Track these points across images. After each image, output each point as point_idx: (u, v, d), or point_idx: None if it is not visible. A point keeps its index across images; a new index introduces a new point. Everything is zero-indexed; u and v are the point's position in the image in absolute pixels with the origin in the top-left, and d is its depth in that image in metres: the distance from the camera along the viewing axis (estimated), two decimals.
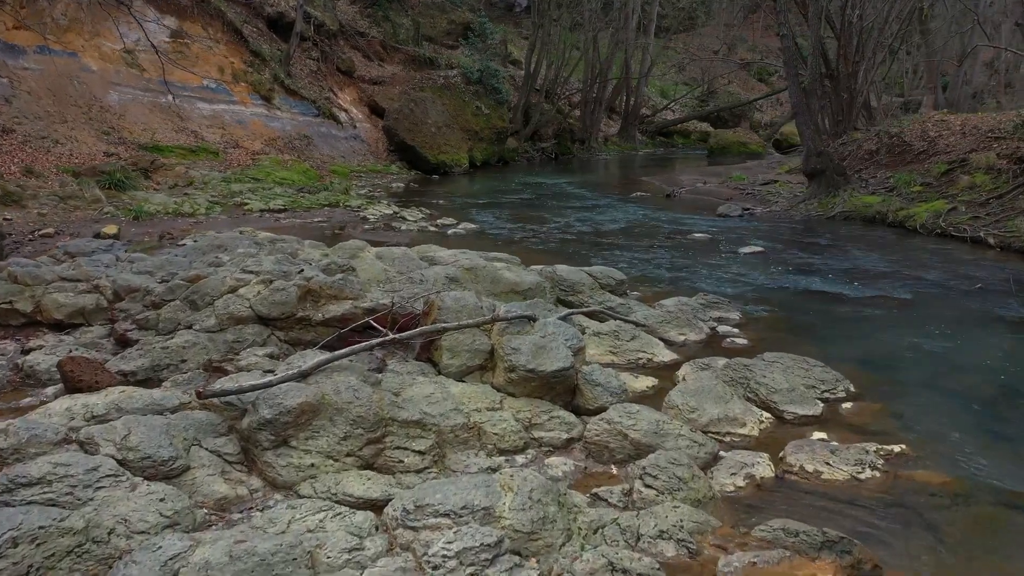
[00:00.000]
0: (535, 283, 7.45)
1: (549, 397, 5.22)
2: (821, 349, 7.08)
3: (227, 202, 15.82)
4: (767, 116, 40.88)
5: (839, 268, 10.69)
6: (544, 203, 17.96)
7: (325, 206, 16.39)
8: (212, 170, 18.01)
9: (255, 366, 4.98)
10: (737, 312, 8.22)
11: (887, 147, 16.74)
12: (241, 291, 5.75)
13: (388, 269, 7.23)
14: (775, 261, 11.13)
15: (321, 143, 22.82)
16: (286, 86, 22.60)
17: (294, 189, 17.49)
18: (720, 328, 7.71)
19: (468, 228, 14.01)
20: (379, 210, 16.11)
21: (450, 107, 25.30)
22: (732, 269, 10.54)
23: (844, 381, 6.10)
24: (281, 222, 14.62)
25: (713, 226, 14.31)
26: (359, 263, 7.23)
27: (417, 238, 13.12)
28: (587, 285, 7.98)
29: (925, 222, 13.09)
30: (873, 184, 15.60)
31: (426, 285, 6.96)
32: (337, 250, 7.47)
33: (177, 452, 3.95)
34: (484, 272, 7.34)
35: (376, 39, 28.06)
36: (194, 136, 19.46)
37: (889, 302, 8.85)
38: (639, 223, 14.82)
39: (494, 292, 7.23)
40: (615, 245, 12.43)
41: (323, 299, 5.85)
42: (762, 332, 7.67)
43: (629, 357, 6.77)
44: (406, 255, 7.55)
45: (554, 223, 14.83)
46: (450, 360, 5.39)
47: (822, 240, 12.86)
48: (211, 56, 21.34)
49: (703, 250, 11.92)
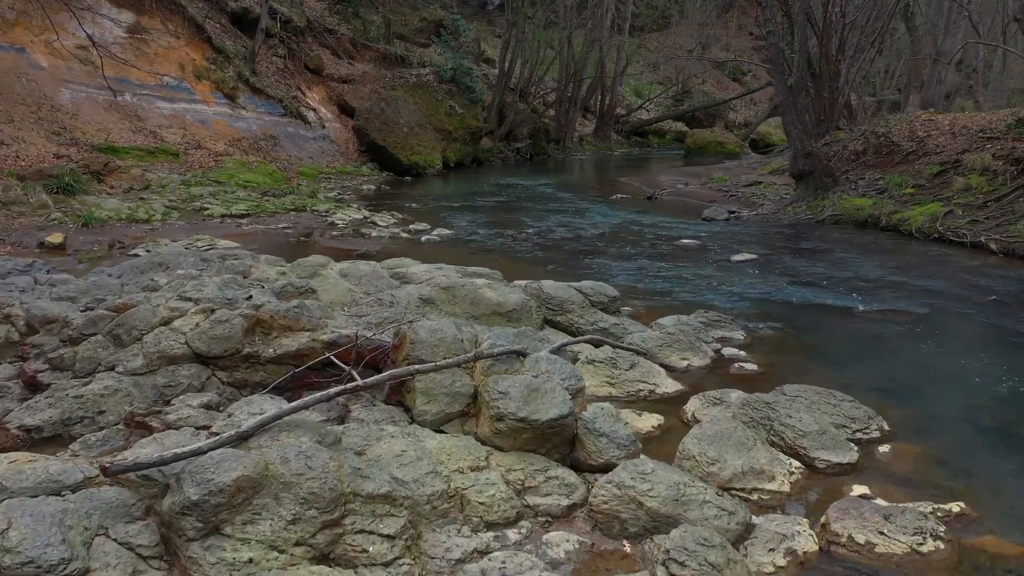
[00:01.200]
0: (520, 303, 6.56)
1: (544, 450, 4.34)
2: (840, 376, 6.28)
3: (186, 207, 14.73)
4: (741, 116, 40.38)
5: (839, 277, 9.93)
6: (521, 206, 17.09)
7: (291, 210, 15.37)
8: (171, 172, 16.89)
9: (187, 421, 4.04)
10: (741, 331, 7.40)
11: (874, 147, 16.09)
12: (176, 323, 4.79)
13: (354, 289, 6.31)
14: (771, 270, 10.35)
15: (288, 144, 21.74)
16: (251, 84, 21.48)
17: (259, 192, 16.43)
18: (725, 351, 6.88)
19: (443, 234, 13.09)
20: (348, 214, 15.12)
21: (422, 106, 24.32)
22: (726, 280, 9.73)
23: (876, 418, 5.28)
24: (243, 228, 13.60)
25: (700, 231, 13.52)
26: (321, 283, 6.29)
27: (388, 245, 12.19)
28: (577, 303, 7.11)
29: (921, 226, 12.40)
30: (862, 186, 14.91)
31: (397, 308, 6.04)
32: (296, 267, 6.53)
33: (72, 551, 3.01)
34: (463, 292, 6.44)
35: (346, 36, 26.96)
36: (153, 137, 18.31)
37: (901, 317, 8.09)
38: (622, 228, 13.99)
39: (474, 315, 6.33)
40: (599, 253, 11.59)
41: (275, 331, 4.92)
42: (771, 355, 6.85)
43: (629, 388, 5.91)
44: (374, 272, 6.62)
45: (533, 228, 13.95)
46: (425, 406, 4.48)
47: (816, 246, 12.12)
48: (171, 53, 20.16)
49: (693, 258, 11.12)
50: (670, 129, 37.50)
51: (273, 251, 12.04)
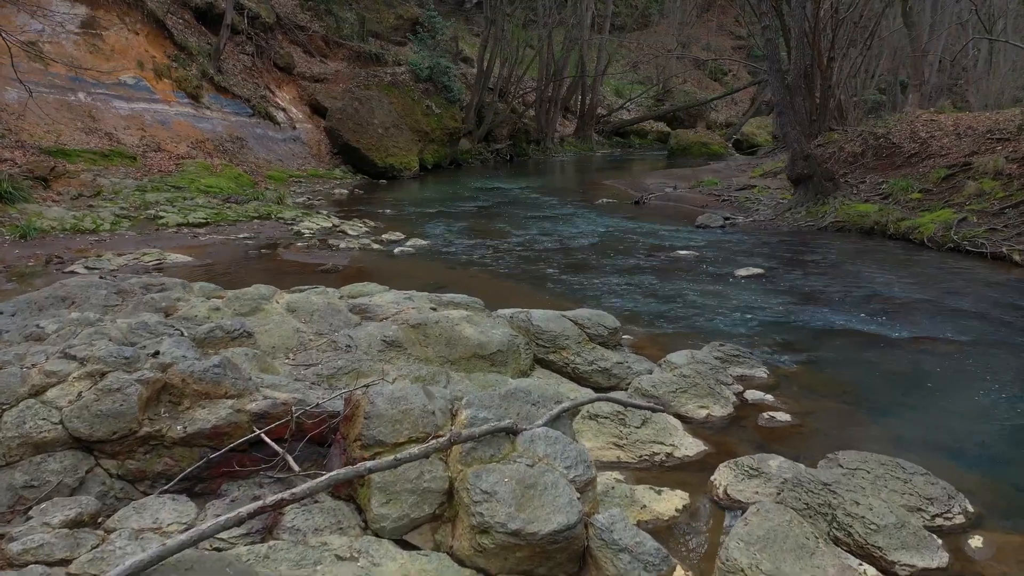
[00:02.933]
0: (506, 342, 5.37)
1: (544, 570, 3.15)
2: (891, 430, 5.16)
3: (139, 215, 13.37)
4: (723, 116, 39.44)
5: (857, 295, 8.83)
6: (502, 212, 15.88)
7: (255, 218, 14.05)
8: (126, 177, 15.50)
9: (38, 553, 2.79)
10: (763, 367, 6.25)
11: (873, 149, 15.06)
12: (51, 394, 3.53)
13: (303, 329, 5.07)
14: (780, 287, 9.22)
15: (256, 145, 20.37)
16: (216, 83, 20.08)
17: (220, 199, 15.07)
18: (748, 394, 5.73)
19: (418, 245, 11.85)
20: (316, 223, 13.83)
21: (398, 106, 23.03)
22: (733, 299, 8.59)
23: (957, 496, 4.14)
24: (200, 239, 12.28)
25: (695, 240, 12.39)
26: (262, 321, 5.06)
27: (357, 259, 10.94)
28: (572, 338, 5.92)
29: (934, 235, 11.35)
30: (864, 190, 13.87)
31: (356, 354, 4.82)
32: (233, 301, 5.28)
33: None
34: (436, 330, 5.23)
35: (318, 34, 25.59)
36: (108, 139, 16.88)
37: (940, 347, 6.98)
38: (611, 236, 12.83)
39: (451, 359, 5.13)
40: (589, 266, 10.42)
41: (188, 400, 3.68)
42: (802, 399, 5.71)
43: (641, 452, 4.73)
44: (330, 306, 5.38)
45: (515, 237, 12.75)
46: (383, 508, 3.27)
47: (823, 257, 11.02)
48: (129, 49, 18.72)
49: (693, 273, 9.97)
50: (652, 129, 36.46)
51: (230, 265, 10.78)
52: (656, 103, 38.43)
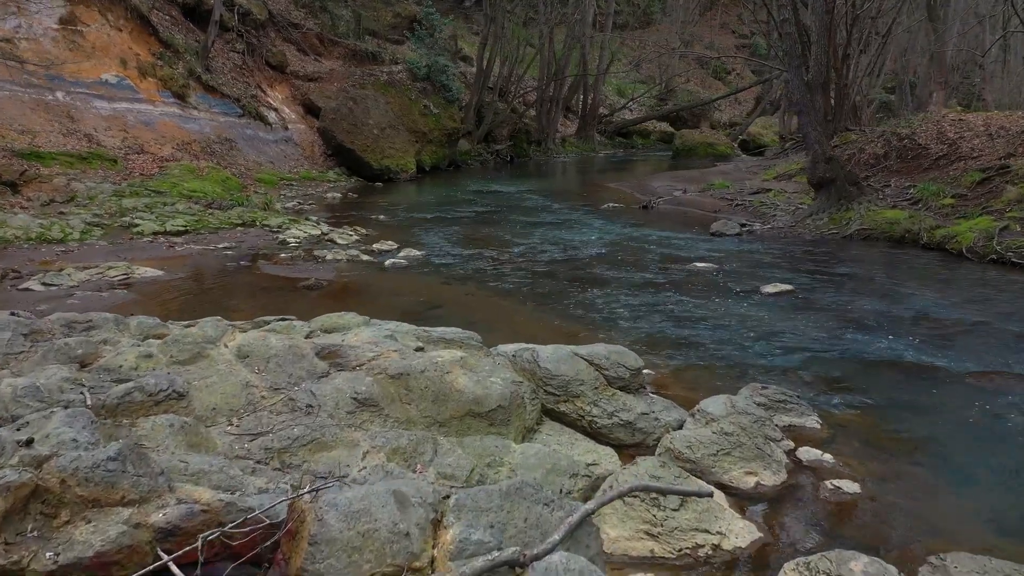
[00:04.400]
0: (507, 395, 4.30)
1: None
2: (987, 506, 4.12)
3: (112, 223, 12.29)
4: (726, 115, 38.36)
5: (901, 317, 7.76)
6: (503, 217, 14.81)
7: (238, 226, 12.98)
8: (104, 181, 14.41)
9: None
10: (813, 414, 5.18)
11: (897, 151, 13.98)
12: None
13: (255, 383, 4.00)
14: (813, 306, 8.15)
15: (246, 147, 19.28)
16: (204, 82, 18.98)
17: (203, 205, 13.99)
18: (803, 453, 4.65)
19: (411, 256, 10.78)
20: (304, 230, 12.76)
21: (395, 106, 21.93)
22: (764, 322, 7.52)
23: None
24: (176, 249, 11.21)
25: (711, 249, 11.32)
26: (204, 372, 3.99)
27: (345, 272, 9.87)
28: (587, 383, 4.85)
29: (973, 245, 10.28)
30: (891, 195, 12.79)
31: (318, 419, 3.76)
32: (171, 346, 4.20)
33: None
34: (422, 382, 4.16)
35: (312, 31, 24.49)
36: (87, 140, 15.78)
37: (1013, 384, 5.91)
38: (620, 246, 11.76)
39: (440, 419, 4.06)
40: (597, 281, 9.34)
41: (68, 509, 2.62)
42: (868, 459, 4.64)
43: (681, 544, 3.66)
44: (292, 350, 4.30)
45: (517, 246, 11.68)
46: None
47: (854, 270, 9.94)
48: (112, 47, 17.62)
49: (714, 289, 8.89)
50: (654, 129, 35.37)
51: (204, 280, 9.70)
52: (659, 103, 37.34)
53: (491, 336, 6.87)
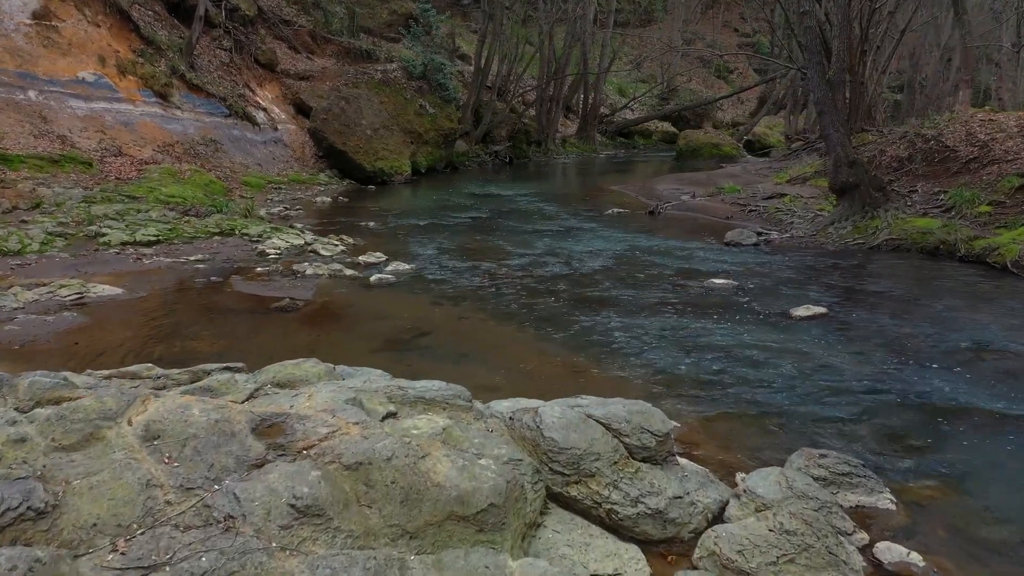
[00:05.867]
0: (501, 488, 3.21)
1: None
2: None
3: (77, 232, 11.17)
4: (728, 115, 37.26)
5: (958, 347, 6.67)
6: (501, 225, 13.71)
7: (215, 234, 11.86)
8: (76, 186, 13.31)
9: None
10: (884, 490, 4.10)
11: (923, 153, 12.88)
12: None
13: (160, 481, 2.92)
14: (853, 334, 7.06)
15: (233, 149, 18.18)
16: (188, 80, 17.87)
17: (180, 211, 12.89)
18: (882, 550, 3.56)
19: (399, 270, 9.69)
20: (286, 240, 11.66)
21: (389, 105, 20.81)
22: (800, 355, 6.43)
23: None
24: (143, 263, 10.10)
25: (728, 263, 10.23)
26: (92, 464, 2.91)
27: (325, 290, 8.78)
28: (605, 457, 3.76)
29: (1018, 258, 9.20)
30: (919, 202, 11.70)
31: (241, 535, 2.67)
32: (54, 424, 3.12)
33: None
34: (389, 474, 3.07)
35: (304, 28, 23.38)
36: (61, 142, 14.68)
37: None
38: (628, 259, 10.67)
39: (411, 529, 2.97)
40: (605, 302, 8.24)
41: None
42: (964, 560, 3.56)
43: None
44: (218, 428, 3.21)
45: (516, 258, 10.60)
46: None
47: (892, 288, 8.85)
48: (90, 43, 16.51)
49: (736, 311, 7.80)
50: (656, 129, 34.26)
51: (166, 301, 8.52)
52: (661, 102, 36.22)
53: (484, 372, 5.80)
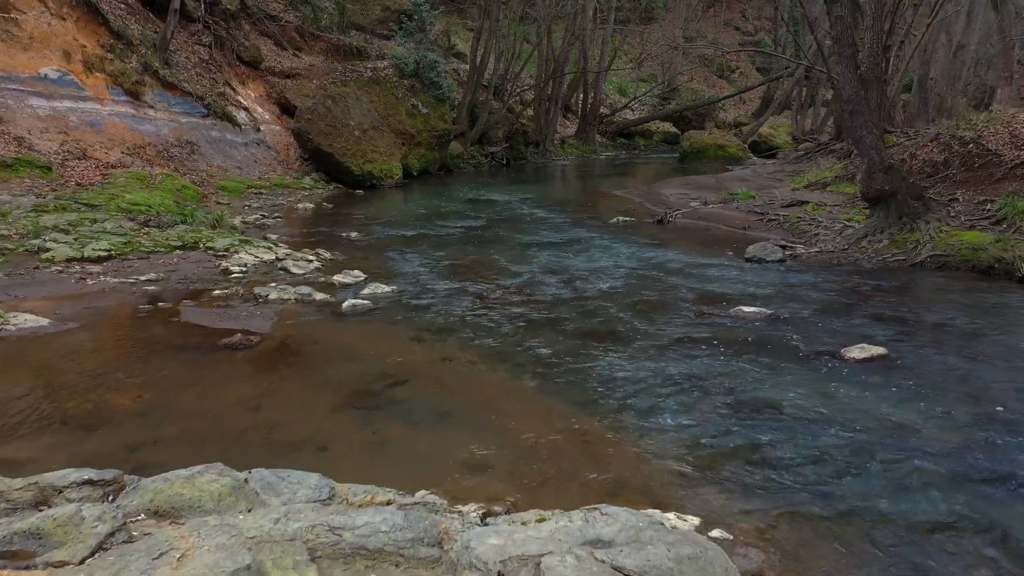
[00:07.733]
0: None
1: None
2: None
3: (18, 247, 9.74)
4: (731, 115, 35.86)
5: None
6: (497, 235, 12.32)
7: (176, 248, 10.44)
8: (27, 193, 11.91)
9: None
10: None
11: (960, 157, 11.51)
12: None
13: None
14: (923, 384, 5.67)
15: (211, 151, 16.77)
16: (162, 78, 16.45)
17: (140, 221, 11.48)
18: None
19: (378, 293, 8.30)
20: (256, 254, 10.27)
21: (379, 105, 19.39)
22: (867, 416, 5.04)
23: None
24: (86, 284, 8.68)
25: (755, 284, 8.83)
26: None
27: (288, 318, 7.38)
28: None
29: None
30: (963, 212, 10.33)
31: None
32: None
33: None
34: None
35: (291, 24, 21.95)
36: (17, 144, 13.27)
37: None
38: (638, 276, 9.28)
39: None
40: (618, 336, 6.85)
41: None
42: None
43: None
44: None
45: (512, 277, 9.21)
46: None
47: (950, 316, 7.45)
48: (53, 37, 15.08)
49: (773, 349, 6.41)
50: (657, 130, 32.85)
51: (101, 333, 7.08)
52: (662, 102, 34.81)
53: (471, 442, 4.40)
